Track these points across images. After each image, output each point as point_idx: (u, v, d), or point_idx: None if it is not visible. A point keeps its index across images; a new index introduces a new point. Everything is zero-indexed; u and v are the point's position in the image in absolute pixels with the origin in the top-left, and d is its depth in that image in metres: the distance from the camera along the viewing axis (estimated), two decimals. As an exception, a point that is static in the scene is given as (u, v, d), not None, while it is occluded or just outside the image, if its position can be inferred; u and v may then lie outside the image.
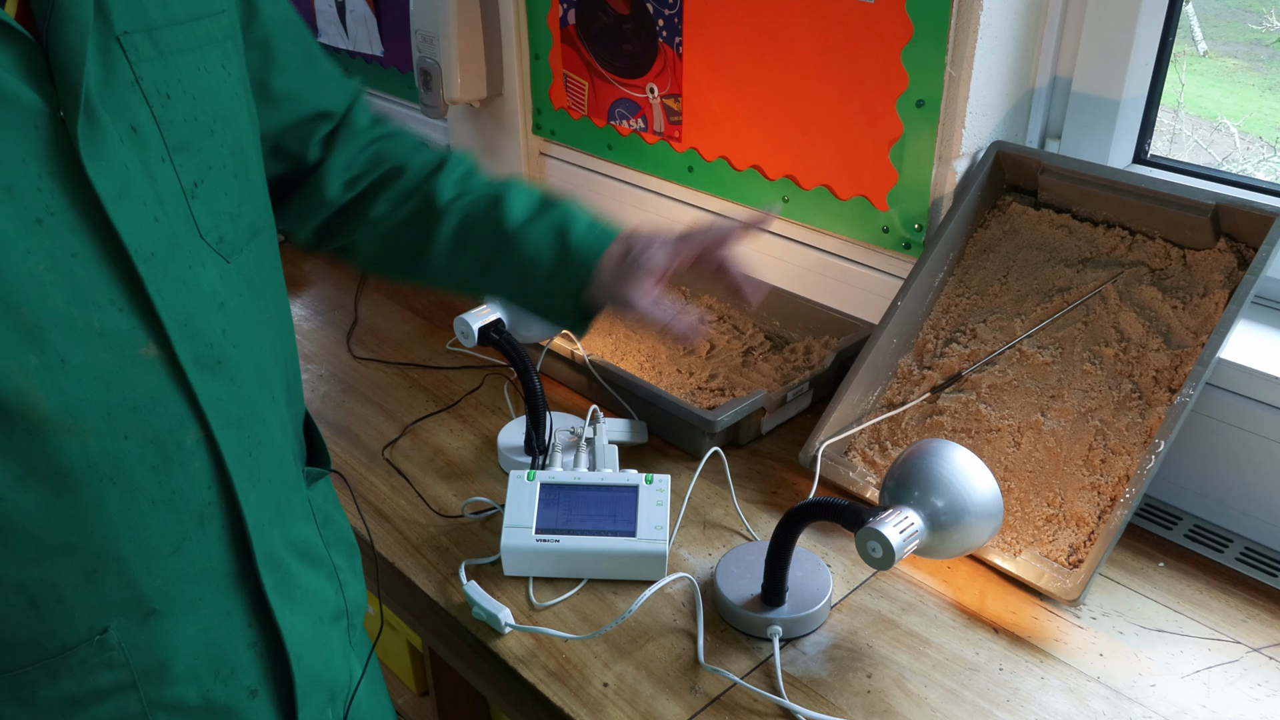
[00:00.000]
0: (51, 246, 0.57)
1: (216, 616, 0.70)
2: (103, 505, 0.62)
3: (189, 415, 0.64)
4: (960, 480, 0.85)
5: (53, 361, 0.58)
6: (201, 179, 0.66)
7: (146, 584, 0.65)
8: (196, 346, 0.64)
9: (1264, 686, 0.88)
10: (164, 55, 0.64)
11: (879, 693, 0.87)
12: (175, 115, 0.64)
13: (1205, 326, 1.02)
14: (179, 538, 0.66)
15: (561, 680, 0.89)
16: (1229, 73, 2.30)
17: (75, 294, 0.58)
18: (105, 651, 0.65)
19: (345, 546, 0.86)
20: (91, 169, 0.58)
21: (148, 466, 0.63)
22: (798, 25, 1.25)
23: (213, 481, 0.67)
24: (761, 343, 1.36)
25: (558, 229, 0.89)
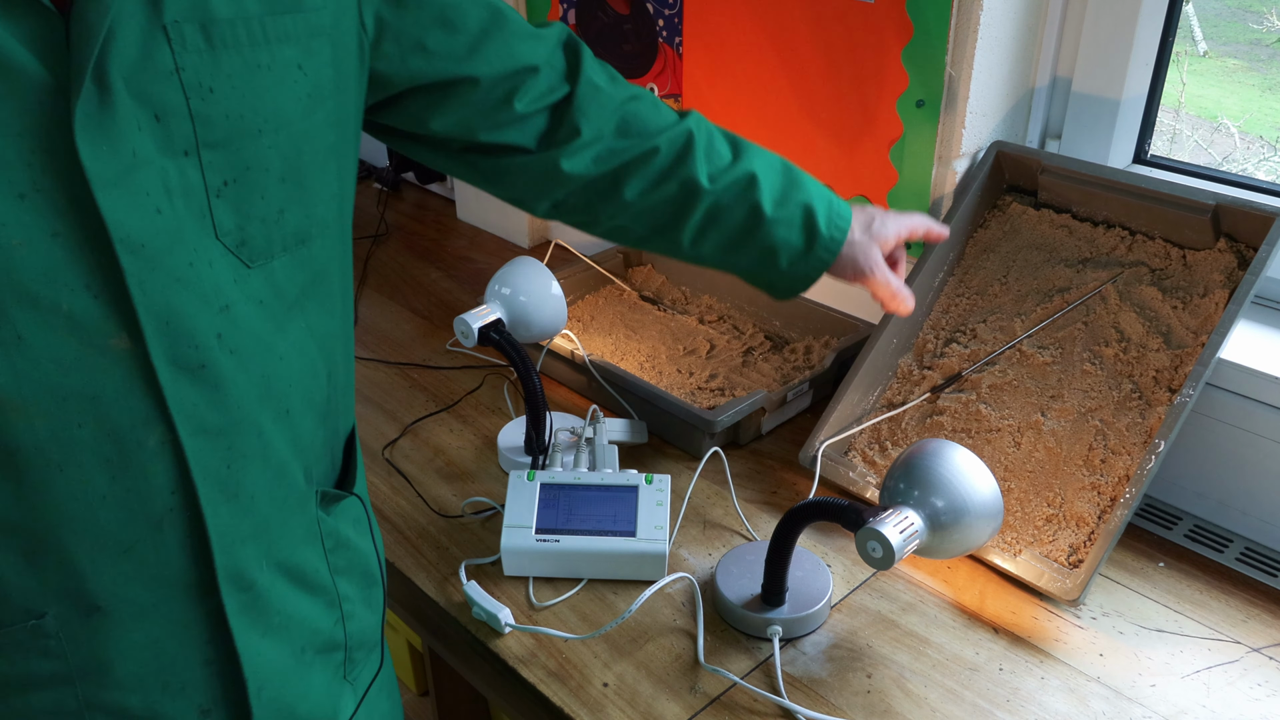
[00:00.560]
0: (30, 223, 0.56)
1: (171, 627, 0.68)
2: (48, 490, 0.61)
3: (155, 415, 0.62)
4: (960, 480, 0.85)
5: (8, 337, 0.57)
6: (234, 178, 0.64)
7: (91, 579, 0.64)
8: (177, 346, 0.62)
9: (1264, 686, 0.88)
10: (216, 49, 0.62)
11: (879, 693, 0.87)
12: (215, 110, 0.62)
13: (1205, 326, 1.02)
14: (132, 539, 0.64)
15: (561, 680, 0.89)
16: (1229, 73, 2.30)
17: (47, 274, 0.57)
18: (41, 639, 0.64)
19: (361, 575, 0.82)
20: (85, 150, 0.56)
21: (101, 459, 0.61)
22: (797, 25, 1.25)
23: (176, 488, 0.64)
24: (761, 343, 1.37)
25: (805, 215, 0.96)
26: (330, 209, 0.73)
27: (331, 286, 0.75)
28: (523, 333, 1.16)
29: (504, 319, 1.14)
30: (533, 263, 1.18)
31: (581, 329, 1.40)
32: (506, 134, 0.90)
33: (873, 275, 0.99)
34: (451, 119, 0.87)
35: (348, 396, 0.82)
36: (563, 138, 0.91)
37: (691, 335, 1.38)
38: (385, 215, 1.87)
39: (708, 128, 0.96)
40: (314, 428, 0.75)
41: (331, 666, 0.79)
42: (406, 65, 0.82)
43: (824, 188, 0.99)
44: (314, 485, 0.77)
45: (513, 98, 0.88)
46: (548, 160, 0.91)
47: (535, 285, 1.16)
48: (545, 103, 0.90)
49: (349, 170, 0.76)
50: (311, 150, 0.70)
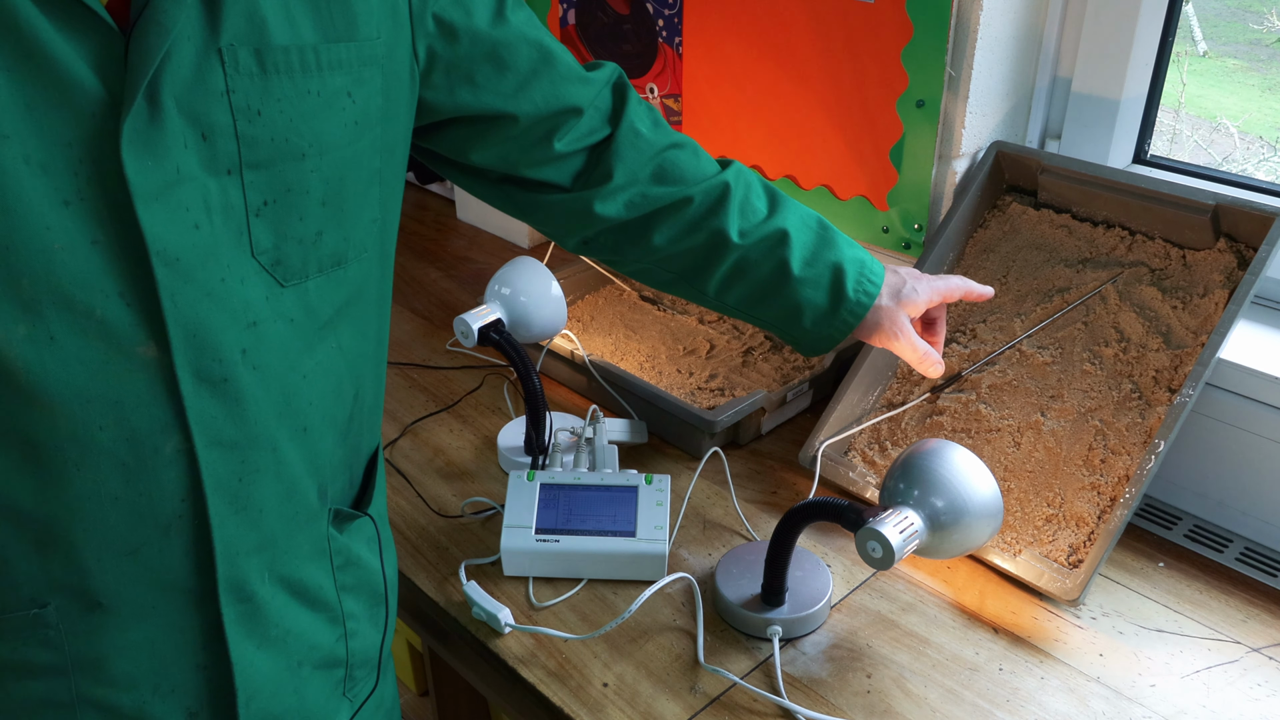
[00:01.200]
0: (72, 229, 0.58)
1: (167, 630, 0.69)
2: (64, 486, 0.62)
3: (173, 424, 0.63)
4: (960, 480, 0.85)
5: (41, 336, 0.58)
6: (274, 199, 0.65)
7: (95, 576, 0.65)
8: (201, 359, 0.63)
9: (1264, 686, 0.87)
10: (268, 74, 0.63)
11: (879, 693, 0.87)
12: (261, 133, 0.64)
13: (1205, 326, 1.02)
14: (138, 541, 0.65)
15: (561, 680, 0.88)
16: (1229, 73, 2.30)
17: (84, 279, 0.59)
18: (41, 629, 0.65)
19: (368, 595, 0.82)
20: (130, 164, 0.58)
21: (117, 462, 0.63)
22: (797, 25, 1.25)
23: (186, 496, 0.65)
24: (761, 343, 1.36)
25: (834, 276, 0.96)
26: (371, 233, 0.74)
27: (367, 308, 0.76)
28: (523, 333, 1.16)
29: (504, 319, 1.14)
30: (533, 263, 1.18)
31: (581, 329, 1.40)
32: (544, 171, 0.92)
33: (898, 340, 0.98)
34: (492, 152, 0.90)
35: (375, 416, 0.83)
36: (597, 179, 0.93)
37: (691, 335, 1.38)
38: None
39: (747, 180, 0.97)
40: (333, 446, 0.76)
41: (331, 682, 0.80)
42: (454, 97, 0.84)
43: (858, 248, 0.99)
44: (328, 503, 0.77)
45: (553, 137, 0.90)
46: (581, 200, 0.93)
47: (535, 285, 1.16)
48: (585, 144, 0.92)
49: (393, 195, 0.77)
50: (354, 176, 0.71)
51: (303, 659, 0.76)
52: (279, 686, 0.75)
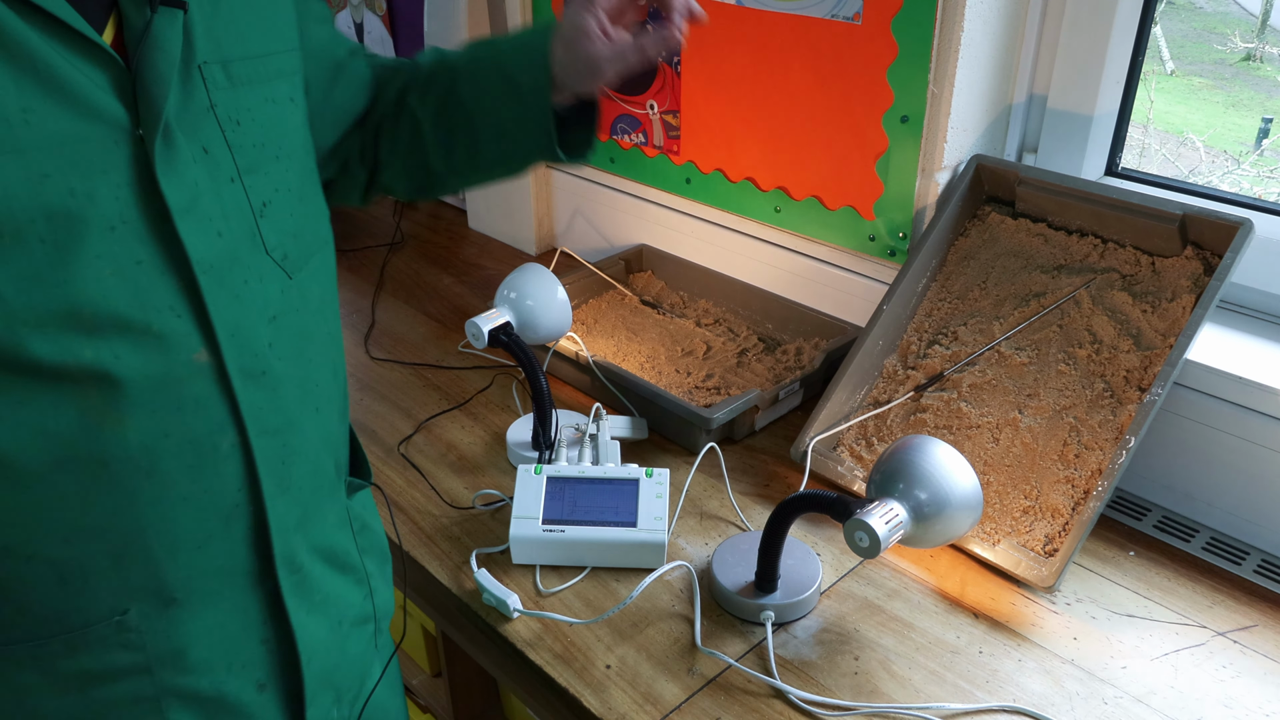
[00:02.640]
0: (119, 252, 0.58)
1: (233, 611, 0.69)
2: (136, 496, 0.62)
3: (228, 420, 0.64)
4: (942, 474, 0.85)
5: (109, 358, 0.58)
6: (270, 200, 0.67)
7: (170, 574, 0.65)
8: (243, 356, 0.64)
9: (1229, 669, 0.87)
10: (236, 86, 0.65)
11: (866, 674, 0.87)
12: (245, 140, 0.65)
13: (1173, 329, 1.02)
14: (205, 534, 0.66)
15: (566, 662, 0.88)
16: (1195, 90, 2.30)
17: (137, 298, 0.59)
18: (124, 633, 0.65)
19: (379, 554, 0.85)
20: (165, 184, 0.59)
21: (183, 465, 0.63)
22: (789, 45, 1.25)
23: (243, 485, 0.67)
24: (755, 344, 1.36)
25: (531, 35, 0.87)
26: (326, 224, 0.77)
27: (334, 294, 0.79)
28: (530, 335, 1.16)
29: (512, 322, 1.14)
30: (540, 269, 1.18)
31: (585, 331, 1.40)
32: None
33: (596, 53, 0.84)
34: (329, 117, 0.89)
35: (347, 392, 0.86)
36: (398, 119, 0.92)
37: (689, 337, 1.38)
38: (400, 224, 1.87)
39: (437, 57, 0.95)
40: (338, 422, 0.78)
41: (365, 638, 0.82)
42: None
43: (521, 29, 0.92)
44: (341, 475, 0.79)
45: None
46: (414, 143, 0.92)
47: (542, 290, 1.16)
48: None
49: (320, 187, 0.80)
50: (311, 172, 0.74)
51: (342, 618, 0.78)
52: (329, 647, 0.77)
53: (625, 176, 1.57)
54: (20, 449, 0.57)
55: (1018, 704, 0.84)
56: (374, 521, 0.86)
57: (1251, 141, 2.27)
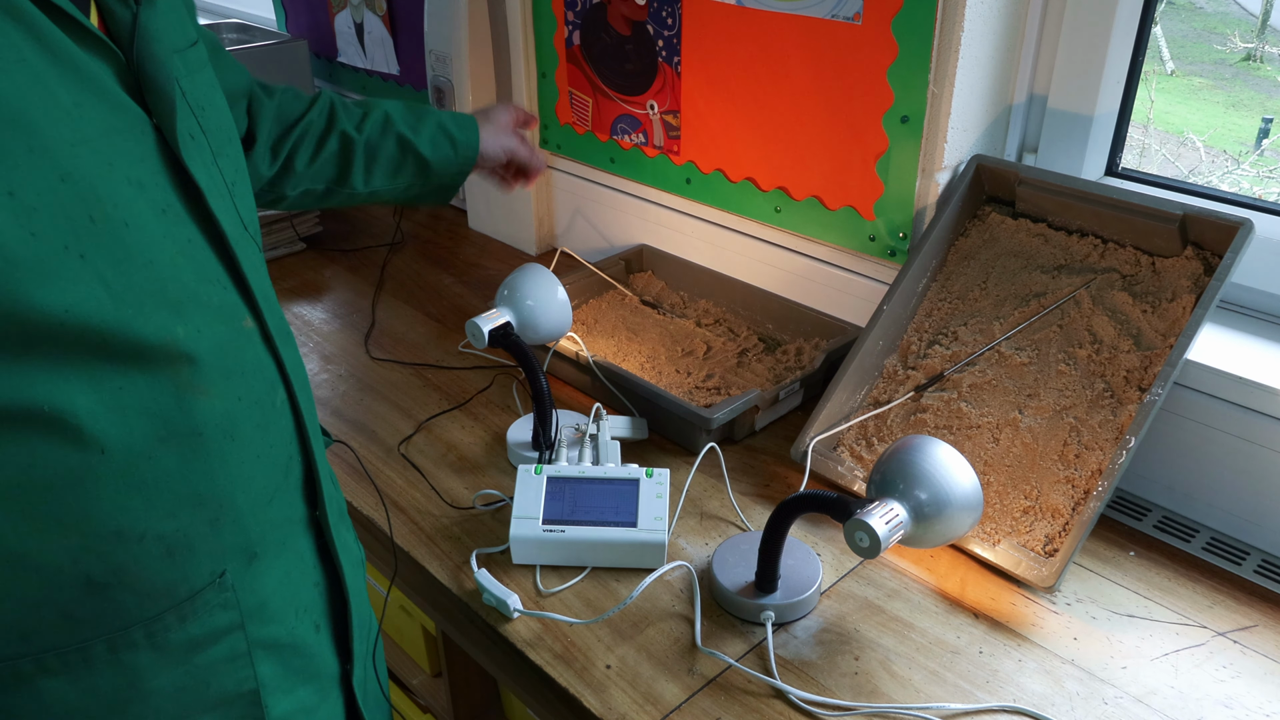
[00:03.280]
0: (176, 233, 0.61)
1: (295, 559, 0.74)
2: (225, 459, 0.65)
3: (278, 378, 0.70)
4: (942, 474, 0.85)
5: (193, 333, 0.61)
6: (235, 180, 0.70)
7: (252, 529, 0.68)
8: (275, 319, 0.70)
9: (1229, 669, 0.87)
10: (192, 74, 0.68)
11: (866, 674, 0.87)
12: (211, 124, 0.68)
13: (1173, 329, 1.02)
14: (274, 487, 0.70)
15: (567, 662, 0.88)
16: (1195, 90, 2.30)
17: (198, 274, 0.62)
18: (223, 593, 0.67)
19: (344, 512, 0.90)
20: (193, 167, 0.62)
21: (254, 424, 0.67)
22: (790, 45, 1.25)
23: (293, 437, 0.72)
24: (755, 344, 1.36)
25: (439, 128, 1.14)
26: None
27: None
28: (530, 335, 1.16)
29: (513, 322, 1.14)
30: (540, 269, 1.18)
31: (586, 331, 1.40)
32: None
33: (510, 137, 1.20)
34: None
35: None
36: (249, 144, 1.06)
37: (689, 337, 1.38)
38: (400, 224, 1.87)
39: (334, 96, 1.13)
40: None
41: (363, 579, 0.86)
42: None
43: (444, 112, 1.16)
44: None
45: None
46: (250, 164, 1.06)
47: (542, 290, 1.16)
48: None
49: None
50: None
51: (354, 560, 0.83)
52: (358, 588, 0.82)
53: (625, 176, 1.57)
54: (128, 432, 0.59)
55: (1018, 704, 0.84)
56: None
57: (1251, 141, 2.27)
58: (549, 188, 1.72)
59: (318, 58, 2.17)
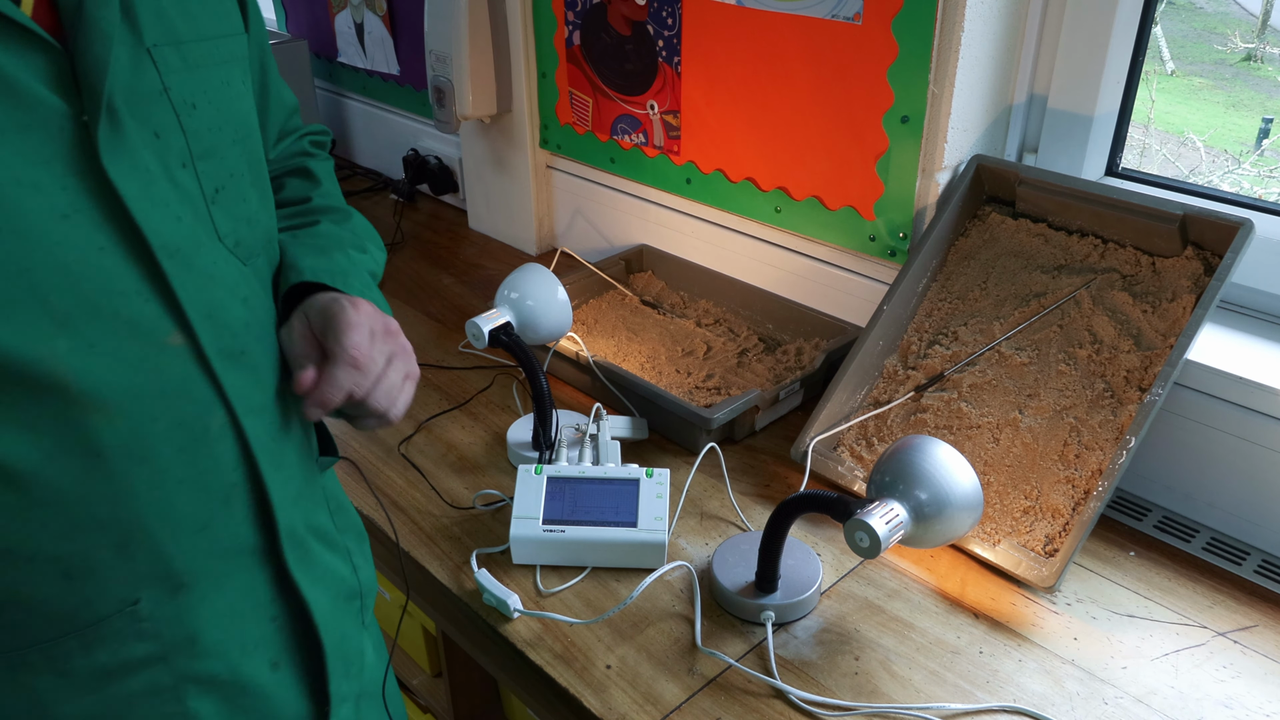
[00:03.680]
0: (79, 240, 0.57)
1: (242, 591, 0.70)
2: (132, 483, 0.62)
3: (215, 400, 0.64)
4: (942, 474, 0.85)
5: (81, 346, 0.58)
6: (222, 185, 0.67)
7: (175, 559, 0.65)
8: (221, 337, 0.64)
9: (1229, 669, 0.87)
10: (191, 68, 0.64)
11: (866, 674, 0.87)
12: (200, 124, 0.64)
13: (1174, 329, 1.02)
14: (206, 515, 0.66)
15: (567, 662, 0.88)
16: (1195, 90, 2.30)
17: (103, 285, 0.58)
18: (136, 623, 0.65)
19: (355, 532, 0.86)
20: (113, 170, 0.58)
21: (175, 448, 0.63)
22: (790, 45, 1.25)
23: (239, 463, 0.67)
24: (755, 344, 1.36)
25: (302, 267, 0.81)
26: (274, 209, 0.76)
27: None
28: (530, 335, 1.16)
29: (513, 322, 1.14)
30: (540, 269, 1.18)
31: (586, 331, 1.40)
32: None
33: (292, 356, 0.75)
34: None
35: None
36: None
37: (689, 338, 1.38)
38: (401, 225, 1.87)
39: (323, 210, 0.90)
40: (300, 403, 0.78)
41: (354, 612, 0.83)
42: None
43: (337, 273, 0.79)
44: (313, 453, 0.80)
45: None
46: None
47: (542, 290, 1.16)
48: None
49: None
50: (261, 159, 0.73)
51: (338, 592, 0.79)
52: (335, 619, 0.77)
53: (625, 176, 1.57)
54: (7, 448, 0.57)
55: (1018, 704, 0.84)
56: (346, 501, 0.88)
57: (1252, 141, 2.27)
58: (549, 188, 1.72)
59: (318, 58, 2.17)
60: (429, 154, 1.93)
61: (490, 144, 1.75)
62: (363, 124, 2.13)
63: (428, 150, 1.93)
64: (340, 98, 2.17)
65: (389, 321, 0.75)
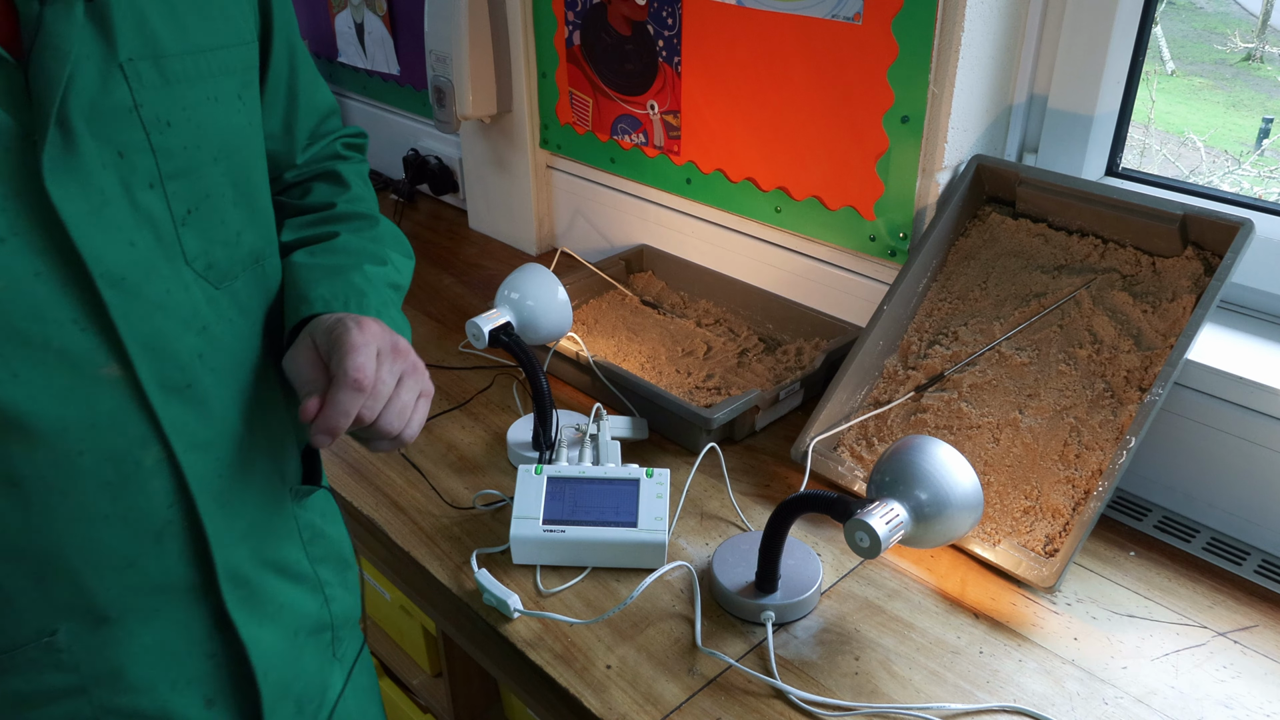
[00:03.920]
0: (13, 265, 0.55)
1: (174, 627, 0.68)
2: (52, 515, 0.60)
3: (150, 436, 0.62)
4: (943, 474, 0.85)
5: (4, 376, 0.56)
6: (196, 206, 0.64)
7: (98, 593, 0.63)
8: (164, 369, 0.62)
9: (1229, 669, 0.87)
10: (170, 83, 0.62)
11: (866, 674, 0.87)
12: (174, 143, 0.62)
13: (1174, 329, 1.02)
14: (135, 552, 0.64)
15: (567, 662, 0.88)
16: (1195, 90, 2.30)
17: (35, 312, 0.56)
18: (54, 654, 0.63)
19: (336, 561, 0.84)
20: (56, 193, 0.55)
21: (101, 482, 0.61)
22: (790, 45, 1.25)
23: (174, 501, 0.64)
24: (755, 344, 1.36)
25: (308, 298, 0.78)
26: (272, 229, 0.74)
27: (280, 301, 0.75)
28: (531, 335, 1.16)
29: (513, 322, 1.14)
30: (540, 269, 1.18)
31: (586, 331, 1.40)
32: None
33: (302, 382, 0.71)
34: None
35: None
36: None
37: (689, 338, 1.38)
38: (401, 224, 1.87)
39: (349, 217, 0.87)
40: (284, 432, 0.76)
41: (321, 646, 0.81)
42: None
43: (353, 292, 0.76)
44: (288, 484, 0.77)
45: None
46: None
47: (542, 290, 1.16)
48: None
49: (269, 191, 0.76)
50: (256, 175, 0.70)
51: (298, 628, 0.77)
52: (285, 657, 0.76)
53: (626, 176, 1.57)
54: None
55: (1018, 704, 0.84)
56: (331, 527, 0.84)
57: (1252, 141, 2.27)
58: (549, 188, 1.72)
59: (318, 58, 2.17)
60: (429, 154, 1.93)
61: (490, 144, 1.75)
62: (363, 124, 2.13)
63: (428, 150, 1.93)
64: (340, 98, 2.17)
65: (398, 340, 0.72)
